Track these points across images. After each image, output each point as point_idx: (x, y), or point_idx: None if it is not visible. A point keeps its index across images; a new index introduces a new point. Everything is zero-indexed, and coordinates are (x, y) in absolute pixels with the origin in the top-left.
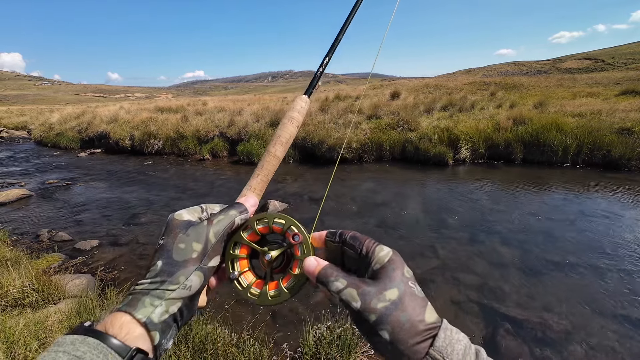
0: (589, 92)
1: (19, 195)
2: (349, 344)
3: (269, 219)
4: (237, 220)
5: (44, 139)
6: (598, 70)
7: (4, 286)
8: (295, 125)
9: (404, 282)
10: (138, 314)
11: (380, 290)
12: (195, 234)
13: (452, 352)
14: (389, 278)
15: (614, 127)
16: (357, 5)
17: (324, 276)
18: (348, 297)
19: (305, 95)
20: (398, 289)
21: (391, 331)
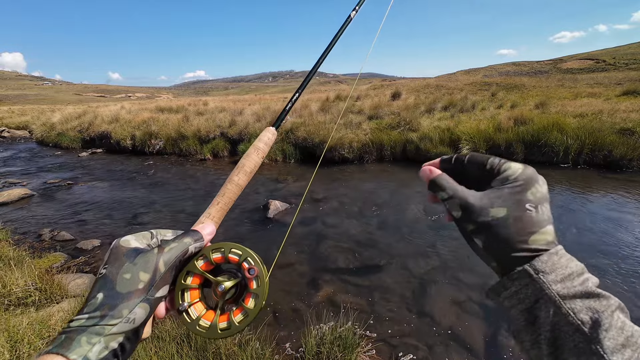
0: (590, 93)
1: (20, 194)
2: (350, 344)
3: (225, 249)
4: (191, 248)
5: (45, 138)
6: (599, 71)
7: (7, 285)
8: (261, 155)
9: (519, 204)
10: (72, 354)
11: (486, 206)
12: (143, 262)
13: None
14: (502, 197)
15: (615, 127)
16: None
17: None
18: (452, 205)
19: (273, 128)
20: (507, 209)
21: (485, 241)
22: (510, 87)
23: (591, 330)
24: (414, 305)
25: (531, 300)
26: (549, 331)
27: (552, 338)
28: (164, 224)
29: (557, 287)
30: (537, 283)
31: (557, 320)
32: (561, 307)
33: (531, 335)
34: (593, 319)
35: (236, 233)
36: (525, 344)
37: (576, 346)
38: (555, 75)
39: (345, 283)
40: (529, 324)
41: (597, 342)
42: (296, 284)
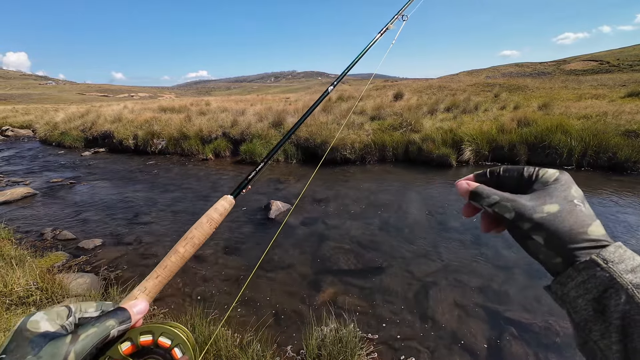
0: (594, 94)
1: (23, 193)
2: (351, 346)
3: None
4: (114, 332)
5: (48, 137)
6: (603, 72)
7: (8, 284)
8: (213, 226)
9: (568, 200)
10: None
11: (538, 204)
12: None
13: (619, 263)
14: (549, 195)
15: (619, 129)
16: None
17: (477, 191)
18: (502, 208)
19: (231, 197)
20: (559, 205)
21: (546, 237)
22: (513, 88)
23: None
24: (416, 308)
25: (599, 289)
26: (619, 319)
27: (622, 326)
28: (165, 224)
29: (628, 276)
30: (607, 272)
31: (628, 309)
32: (634, 295)
33: (601, 325)
34: None
35: (238, 233)
36: (594, 334)
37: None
38: (559, 76)
39: (347, 285)
40: (598, 313)
41: None
42: (297, 285)
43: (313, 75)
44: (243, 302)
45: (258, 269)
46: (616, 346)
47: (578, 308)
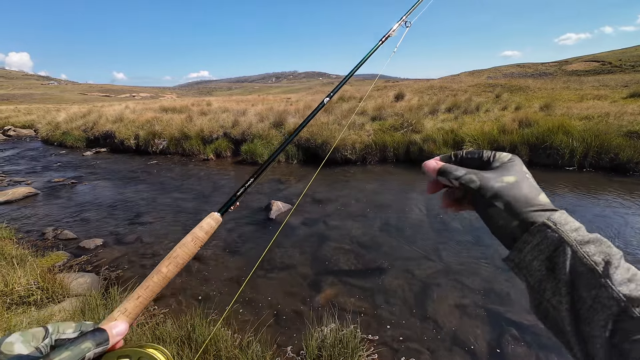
0: (596, 95)
1: (25, 193)
2: (352, 347)
3: (133, 357)
4: (90, 355)
5: (50, 137)
6: (605, 73)
7: (9, 284)
8: (198, 245)
9: (522, 173)
10: None
11: (498, 176)
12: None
13: (565, 225)
14: (507, 170)
15: (621, 130)
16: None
17: (444, 168)
18: (468, 179)
19: (217, 214)
20: (515, 176)
21: (507, 202)
22: (515, 88)
23: (603, 268)
24: (417, 309)
25: (550, 249)
26: (567, 274)
27: (570, 280)
28: (166, 224)
29: (572, 234)
30: (556, 232)
31: (573, 263)
32: (577, 251)
33: (552, 282)
34: (605, 259)
35: (238, 234)
36: (547, 293)
37: (589, 282)
38: (561, 77)
39: (347, 285)
40: (549, 271)
41: (607, 276)
42: (298, 285)
43: (314, 76)
44: (243, 303)
45: (258, 269)
46: (565, 299)
47: (533, 270)
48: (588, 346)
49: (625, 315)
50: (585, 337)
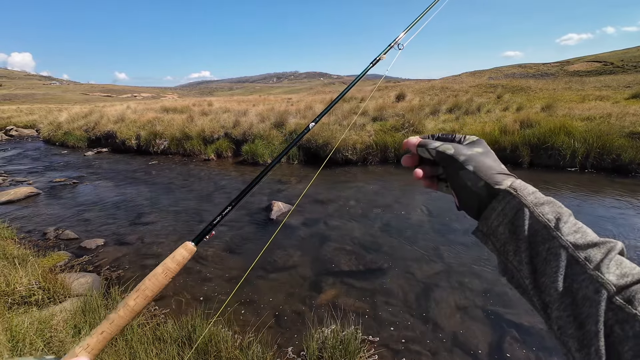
0: (598, 95)
1: (27, 193)
2: (352, 349)
3: None
4: None
5: (52, 137)
6: (607, 73)
7: (11, 284)
8: (169, 276)
9: (487, 148)
10: None
11: (469, 147)
12: None
13: (524, 190)
14: (476, 144)
15: (624, 131)
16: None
17: (424, 142)
18: (444, 148)
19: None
20: (483, 148)
21: (475, 165)
22: (516, 89)
23: (555, 223)
24: (418, 310)
25: (512, 212)
26: (526, 232)
27: (528, 237)
28: (167, 224)
29: (530, 198)
30: (517, 198)
31: (531, 223)
32: (534, 211)
33: (514, 243)
34: (556, 217)
35: (239, 234)
36: (510, 254)
37: (544, 237)
38: (562, 77)
39: (348, 286)
40: (512, 233)
41: (558, 229)
42: (298, 286)
43: (315, 76)
44: (244, 303)
45: (259, 269)
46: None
47: (498, 235)
48: (544, 295)
49: (573, 260)
50: (542, 287)
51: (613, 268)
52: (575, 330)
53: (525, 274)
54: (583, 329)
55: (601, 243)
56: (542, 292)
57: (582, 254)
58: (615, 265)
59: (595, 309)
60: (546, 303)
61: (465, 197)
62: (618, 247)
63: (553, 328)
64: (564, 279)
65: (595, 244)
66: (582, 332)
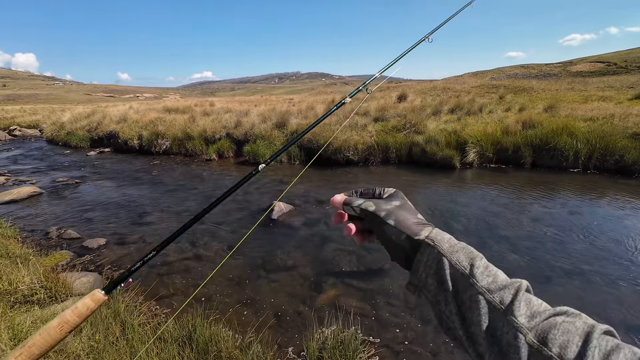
0: (601, 96)
1: (30, 192)
2: (352, 349)
3: None
4: None
5: (55, 137)
6: (610, 74)
7: (13, 283)
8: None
9: (404, 200)
10: None
11: (387, 202)
12: None
13: (441, 240)
14: (393, 198)
15: (627, 131)
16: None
17: (348, 200)
18: (366, 205)
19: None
20: (400, 200)
21: (395, 219)
22: (519, 89)
23: (469, 270)
24: (418, 311)
25: (435, 263)
26: (449, 281)
27: (453, 287)
28: (169, 224)
29: (445, 246)
30: (435, 248)
31: (452, 272)
32: (451, 260)
33: (443, 294)
34: (470, 263)
35: (240, 234)
36: (442, 305)
37: (464, 285)
38: (565, 78)
39: (349, 287)
40: (439, 284)
41: (473, 276)
42: (299, 286)
43: (317, 77)
44: (244, 303)
45: (260, 269)
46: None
47: (429, 287)
48: (477, 346)
49: (491, 305)
50: (473, 337)
51: (524, 309)
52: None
53: (457, 325)
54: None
55: (510, 284)
56: (474, 343)
57: (496, 297)
58: (525, 306)
59: (518, 355)
60: (480, 353)
61: (392, 250)
62: (524, 286)
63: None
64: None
65: (505, 286)
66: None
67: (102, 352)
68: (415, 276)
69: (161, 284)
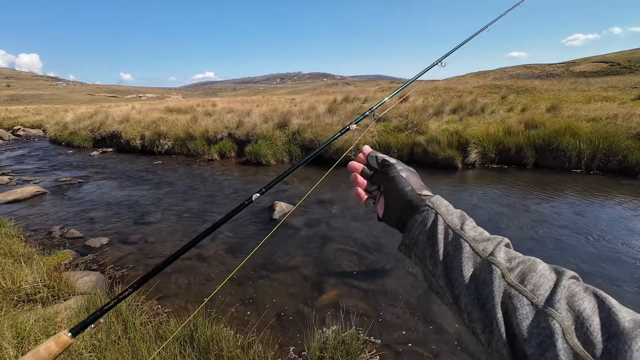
0: (604, 96)
1: (33, 192)
2: (354, 349)
3: None
4: None
5: (58, 137)
6: (614, 74)
7: (16, 281)
8: None
9: (414, 171)
10: None
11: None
12: None
13: (440, 205)
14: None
15: (630, 132)
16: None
17: (373, 152)
18: (387, 158)
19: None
20: (413, 169)
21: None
22: (521, 90)
23: (460, 226)
24: (420, 311)
25: (430, 222)
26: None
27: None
28: (171, 224)
29: (442, 209)
30: (434, 209)
31: (443, 228)
32: (445, 219)
33: (430, 247)
34: (461, 222)
35: (241, 234)
36: (427, 260)
37: (452, 237)
38: (568, 78)
39: (350, 287)
40: (429, 239)
41: (462, 229)
42: (300, 286)
43: (319, 77)
44: (245, 303)
45: (261, 269)
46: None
47: (419, 243)
48: (454, 288)
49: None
50: (453, 282)
51: (502, 254)
52: (478, 311)
53: (439, 274)
54: (484, 308)
55: (493, 238)
56: (452, 287)
57: (480, 246)
58: (504, 252)
59: (491, 287)
60: (456, 296)
61: (392, 201)
62: (505, 241)
63: (463, 317)
64: (468, 269)
65: (488, 238)
66: (484, 311)
67: (105, 350)
68: (408, 235)
69: (163, 284)
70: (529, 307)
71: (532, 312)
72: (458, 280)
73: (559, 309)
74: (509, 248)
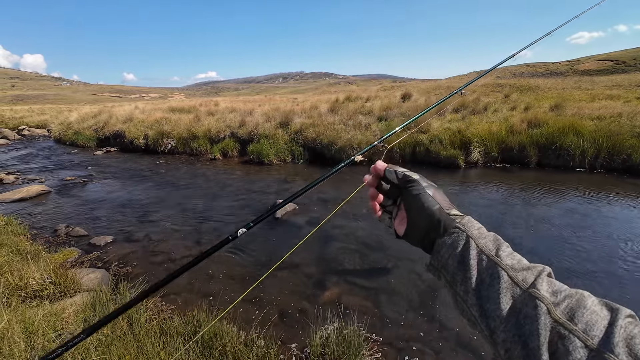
0: (608, 95)
1: (38, 191)
2: (355, 346)
3: None
4: None
5: (62, 137)
6: (618, 72)
7: (24, 278)
8: None
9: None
10: None
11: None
12: None
13: (471, 226)
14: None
15: (635, 131)
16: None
17: (392, 166)
18: (409, 173)
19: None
20: (437, 185)
21: (433, 193)
22: (525, 88)
23: (495, 252)
24: (422, 309)
25: (460, 245)
26: (472, 260)
27: (475, 266)
28: (174, 222)
29: (474, 232)
30: (465, 232)
31: (477, 253)
32: (478, 243)
33: (462, 273)
34: (496, 247)
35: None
36: (458, 286)
37: (486, 264)
38: (572, 76)
39: (352, 285)
40: (460, 263)
41: (498, 256)
42: (302, 284)
43: (321, 76)
44: (248, 300)
45: (263, 267)
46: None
47: (448, 267)
48: (489, 321)
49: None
50: (488, 313)
51: (546, 286)
52: (520, 349)
53: (471, 302)
54: (527, 347)
55: (533, 267)
56: (488, 319)
57: (519, 275)
58: (547, 284)
59: (536, 324)
60: (492, 329)
61: (417, 219)
62: (547, 270)
63: (500, 352)
64: (507, 301)
65: (528, 267)
66: (527, 350)
67: (110, 345)
68: (437, 257)
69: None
70: (582, 350)
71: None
72: (495, 312)
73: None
74: (551, 278)
